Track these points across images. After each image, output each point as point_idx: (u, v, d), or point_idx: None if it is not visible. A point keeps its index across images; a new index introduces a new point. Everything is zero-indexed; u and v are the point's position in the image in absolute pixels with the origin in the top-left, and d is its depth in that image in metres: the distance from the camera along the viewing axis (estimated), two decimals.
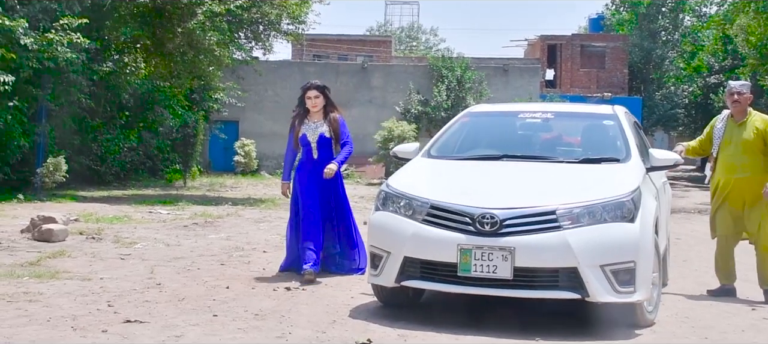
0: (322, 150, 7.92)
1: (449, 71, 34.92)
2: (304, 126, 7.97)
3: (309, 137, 7.93)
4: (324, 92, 8.03)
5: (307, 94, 7.97)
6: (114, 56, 19.74)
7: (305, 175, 7.94)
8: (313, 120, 7.99)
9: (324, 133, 7.92)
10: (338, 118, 8.03)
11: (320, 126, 7.94)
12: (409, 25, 74.79)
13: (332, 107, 8.07)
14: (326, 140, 7.93)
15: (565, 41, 44.50)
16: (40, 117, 18.00)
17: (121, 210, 14.53)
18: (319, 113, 8.00)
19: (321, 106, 8.00)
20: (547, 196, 5.74)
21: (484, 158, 6.78)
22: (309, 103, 7.96)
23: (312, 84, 8.06)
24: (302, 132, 7.96)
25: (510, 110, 7.92)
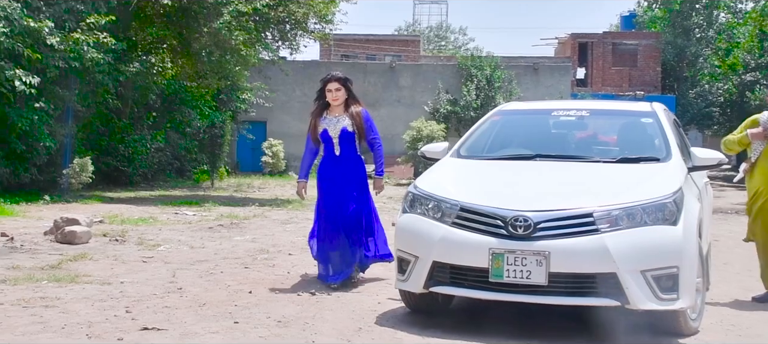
0: (345, 146, 7.40)
1: (478, 70, 34.62)
2: (325, 121, 7.45)
3: (330, 132, 7.41)
4: (346, 85, 7.49)
5: (328, 86, 7.43)
6: (141, 57, 19.66)
7: (328, 173, 7.44)
8: (334, 114, 7.45)
9: (346, 127, 7.37)
10: (362, 111, 7.49)
11: (342, 120, 7.40)
12: (437, 24, 74.53)
13: (354, 101, 7.53)
14: (349, 135, 7.39)
15: (596, 39, 43.94)
16: (67, 118, 17.95)
17: (147, 211, 14.41)
18: (341, 106, 7.46)
19: (342, 99, 7.46)
20: (584, 197, 5.45)
21: (516, 157, 6.48)
22: (329, 96, 7.42)
23: (333, 76, 7.54)
24: (323, 128, 7.44)
25: (543, 108, 7.61)
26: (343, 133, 7.37)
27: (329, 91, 7.42)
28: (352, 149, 7.43)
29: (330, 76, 7.53)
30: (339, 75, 7.54)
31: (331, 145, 7.44)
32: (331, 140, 7.42)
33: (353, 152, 7.43)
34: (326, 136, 7.44)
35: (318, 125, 7.49)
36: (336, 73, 7.64)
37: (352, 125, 7.37)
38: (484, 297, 5.45)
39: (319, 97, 7.56)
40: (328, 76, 7.54)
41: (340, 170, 7.39)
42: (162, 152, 23.90)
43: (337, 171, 7.40)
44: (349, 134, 7.38)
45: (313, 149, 7.63)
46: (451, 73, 35.61)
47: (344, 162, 7.39)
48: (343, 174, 7.38)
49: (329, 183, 7.41)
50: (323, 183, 7.48)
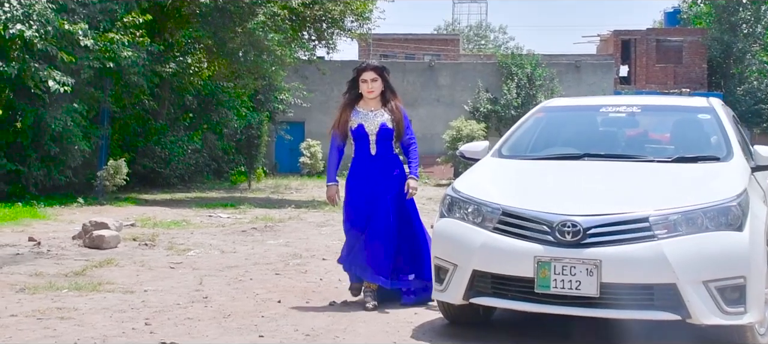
0: (382, 145, 6.50)
1: (519, 68, 34.12)
2: (359, 115, 6.54)
3: (367, 127, 6.49)
4: (383, 75, 6.59)
5: (363, 76, 6.54)
6: (177, 57, 19.47)
7: (361, 175, 6.52)
8: (369, 108, 6.56)
9: (386, 123, 6.48)
10: (401, 107, 6.64)
11: (380, 115, 6.51)
12: (477, 23, 73.84)
13: (392, 94, 6.64)
14: (388, 132, 6.49)
15: (639, 36, 43.00)
16: (102, 120, 17.81)
17: (181, 214, 14.15)
18: (377, 100, 6.58)
19: (378, 91, 6.56)
20: (638, 201, 4.97)
21: (562, 157, 6.02)
22: (364, 87, 6.53)
23: (368, 64, 6.65)
24: (357, 122, 6.52)
25: (590, 104, 7.10)
26: (383, 129, 6.48)
27: (364, 81, 6.55)
28: (390, 148, 6.56)
29: (365, 65, 6.66)
30: (375, 63, 6.69)
31: (365, 142, 6.53)
32: (367, 137, 6.51)
33: (391, 152, 6.57)
34: (362, 132, 6.53)
35: (349, 119, 6.59)
36: (372, 61, 6.80)
37: (392, 122, 6.50)
38: (529, 309, 4.98)
39: (350, 88, 6.71)
40: (364, 65, 6.68)
41: (376, 171, 6.49)
42: (199, 153, 23.71)
43: (372, 173, 6.49)
44: (389, 131, 6.50)
45: (340, 148, 6.69)
46: (491, 72, 35.10)
47: (381, 162, 6.50)
48: (379, 177, 6.49)
49: (362, 186, 6.51)
50: (355, 188, 6.56)
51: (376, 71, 6.57)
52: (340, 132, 6.62)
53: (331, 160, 6.71)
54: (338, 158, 6.68)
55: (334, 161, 6.69)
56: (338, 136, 6.64)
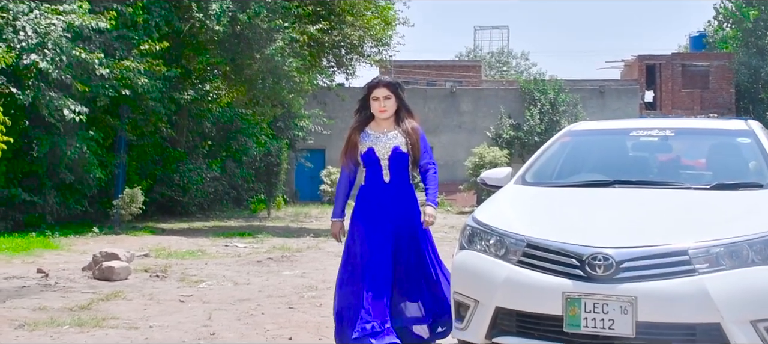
0: (396, 171, 5.72)
1: (542, 94, 33.79)
2: (369, 138, 5.76)
3: (378, 151, 5.70)
4: (396, 92, 5.79)
5: (374, 93, 5.76)
6: (195, 84, 19.28)
7: (372, 205, 5.71)
8: (381, 129, 5.77)
9: (399, 146, 5.69)
10: (418, 128, 5.82)
11: (393, 138, 5.72)
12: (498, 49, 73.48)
13: (408, 113, 5.84)
14: (402, 157, 5.71)
15: (664, 61, 42.48)
16: (119, 148, 17.61)
17: (197, 244, 13.85)
18: (390, 120, 5.79)
19: (392, 111, 5.78)
20: (675, 232, 4.57)
21: (590, 184, 5.62)
22: (376, 106, 5.75)
23: (380, 80, 5.84)
24: (367, 146, 5.73)
25: (619, 127, 6.70)
26: (396, 154, 5.70)
27: (376, 99, 5.76)
28: (405, 176, 5.76)
29: (377, 81, 5.86)
30: (388, 79, 5.88)
31: (377, 168, 5.75)
32: (379, 162, 5.73)
33: (406, 180, 5.78)
34: (372, 157, 5.75)
35: (359, 142, 5.80)
36: (384, 77, 5.94)
37: (406, 145, 5.72)
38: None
39: (361, 107, 5.91)
40: (375, 81, 5.87)
41: (389, 202, 5.69)
42: (218, 181, 23.50)
43: (385, 203, 5.69)
44: (403, 156, 5.71)
45: (349, 177, 5.92)
46: (513, 98, 34.75)
47: (395, 192, 5.72)
48: (393, 208, 5.68)
49: (374, 221, 5.67)
50: (366, 220, 5.71)
51: (389, 88, 5.78)
52: (350, 158, 5.84)
53: (340, 190, 5.93)
54: (348, 188, 5.93)
55: (343, 191, 5.91)
56: (348, 162, 5.86)
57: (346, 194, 5.92)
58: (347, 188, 5.92)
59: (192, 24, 16.47)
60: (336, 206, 5.92)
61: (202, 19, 16.26)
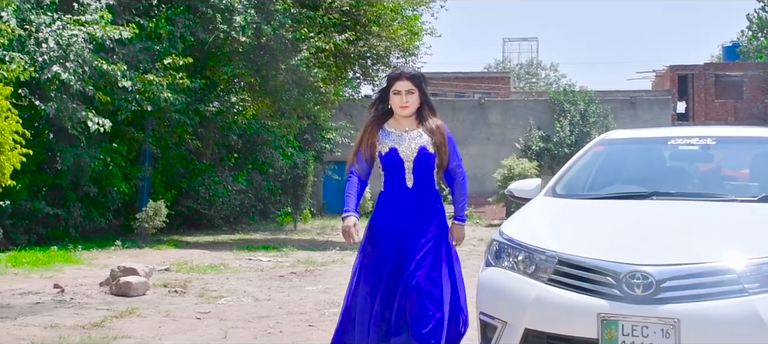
0: (422, 175, 5.02)
1: (572, 105, 33.33)
2: (390, 137, 5.08)
3: (402, 152, 5.02)
4: (420, 86, 5.10)
5: (396, 86, 5.06)
6: (220, 96, 19.11)
7: (392, 213, 4.99)
8: (403, 128, 5.10)
9: (426, 146, 5.03)
10: (444, 126, 5.15)
11: (418, 137, 5.05)
12: (528, 61, 72.97)
13: (431, 111, 5.16)
14: (428, 158, 5.03)
15: (697, 71, 41.80)
16: (143, 160, 17.46)
17: (220, 257, 13.61)
18: (412, 118, 5.12)
19: (415, 107, 5.09)
20: (720, 248, 4.21)
21: (626, 196, 5.27)
22: (397, 101, 5.06)
23: (403, 72, 5.14)
24: (388, 146, 5.05)
25: (656, 136, 6.31)
26: (422, 155, 5.02)
27: (397, 92, 5.07)
28: (431, 180, 5.07)
29: (399, 72, 5.17)
30: (411, 72, 5.16)
31: (399, 172, 5.05)
32: (402, 164, 5.03)
33: (432, 185, 5.09)
34: (394, 158, 5.04)
35: (376, 141, 5.12)
36: (407, 69, 5.20)
37: (432, 144, 5.06)
38: None
39: (379, 101, 5.25)
40: (397, 72, 5.19)
41: (412, 209, 4.97)
42: (244, 193, 23.28)
43: (407, 210, 4.97)
44: (430, 157, 5.04)
45: (361, 179, 5.17)
46: (542, 109, 34.31)
47: (419, 198, 5.00)
48: (416, 216, 4.96)
49: (391, 227, 4.96)
50: (385, 229, 4.98)
51: (412, 81, 5.08)
52: (365, 159, 5.12)
53: (350, 190, 5.11)
54: (360, 189, 5.14)
55: (354, 191, 5.10)
56: (361, 162, 5.12)
57: (358, 194, 5.12)
58: (359, 189, 5.12)
59: (216, 35, 16.27)
60: (347, 201, 5.07)
61: (226, 30, 16.07)
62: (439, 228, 5.00)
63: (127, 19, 15.25)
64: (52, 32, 13.87)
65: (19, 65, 11.88)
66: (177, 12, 16.03)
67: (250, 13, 15.93)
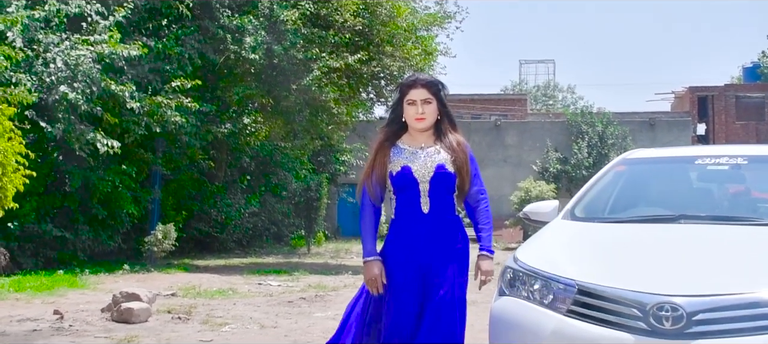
0: (439, 198, 4.36)
1: (589, 127, 32.97)
2: (402, 154, 4.42)
3: (416, 171, 4.36)
4: (438, 95, 4.46)
5: (410, 95, 4.42)
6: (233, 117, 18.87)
7: (407, 244, 4.32)
8: (418, 144, 4.45)
9: (444, 165, 4.37)
10: (465, 144, 4.51)
11: (435, 154, 4.40)
12: (544, 83, 72.60)
13: (452, 125, 4.53)
14: (448, 179, 4.38)
15: (717, 92, 41.35)
16: (153, 182, 17.20)
17: (229, 282, 13.28)
18: (429, 133, 4.48)
19: (432, 119, 4.45)
20: (758, 277, 3.83)
21: (651, 219, 4.90)
22: (412, 112, 4.41)
23: (418, 78, 4.50)
24: (401, 165, 4.39)
25: (682, 155, 5.93)
26: (440, 174, 4.37)
27: (412, 103, 4.42)
28: (450, 204, 4.41)
29: (414, 79, 4.51)
30: (427, 78, 4.52)
31: (413, 194, 4.37)
32: (417, 185, 4.36)
33: (451, 210, 4.42)
34: (407, 178, 4.38)
35: (387, 160, 4.45)
36: (422, 75, 4.59)
37: (452, 163, 4.40)
38: None
39: (393, 116, 4.57)
40: (412, 79, 4.52)
41: (429, 238, 4.32)
42: (257, 216, 23.00)
43: (424, 240, 4.32)
44: (449, 178, 4.38)
45: (375, 205, 4.49)
46: (559, 131, 33.93)
47: (438, 225, 4.34)
48: (435, 246, 4.31)
49: (407, 261, 4.31)
50: (398, 258, 4.34)
51: (428, 88, 4.42)
52: (377, 181, 4.44)
53: (366, 223, 4.47)
54: (375, 219, 4.48)
55: (370, 223, 4.47)
56: (374, 186, 4.46)
57: (375, 226, 4.50)
58: (375, 220, 4.49)
59: (227, 56, 16.04)
60: (366, 243, 4.43)
61: (237, 50, 15.82)
62: (462, 262, 4.35)
63: (136, 39, 15.02)
64: (61, 52, 13.63)
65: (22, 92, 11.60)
66: (187, 32, 15.81)
67: (260, 33, 15.68)
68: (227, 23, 15.85)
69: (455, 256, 4.34)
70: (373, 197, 4.47)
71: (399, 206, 4.43)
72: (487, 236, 4.42)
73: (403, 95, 4.48)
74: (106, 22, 14.48)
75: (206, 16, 16.25)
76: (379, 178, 4.45)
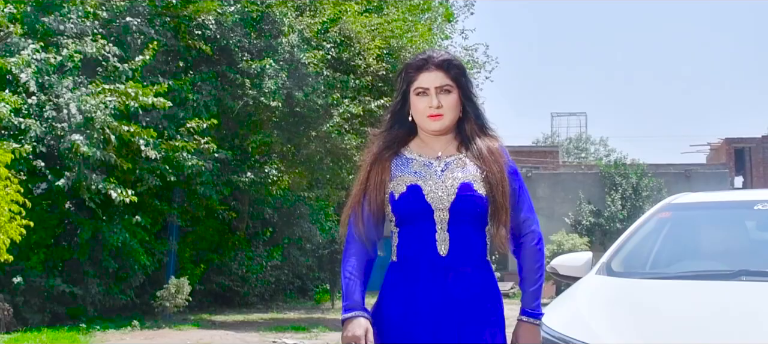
0: (462, 232, 3.02)
1: (623, 178, 32.21)
2: (409, 167, 3.09)
3: (430, 193, 3.03)
4: (460, 80, 3.10)
5: (419, 81, 3.08)
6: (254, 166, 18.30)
7: (416, 299, 3.01)
8: (433, 152, 3.12)
9: (471, 183, 3.04)
10: (503, 150, 3.17)
11: (457, 168, 3.08)
12: (576, 135, 71.81)
13: (481, 125, 3.17)
14: (476, 204, 3.03)
15: (754, 144, 40.37)
16: (169, 234, 16.62)
17: (243, 339, 12.59)
18: (450, 137, 3.15)
19: (452, 116, 3.10)
20: None
21: (704, 276, 4.14)
22: (422, 106, 3.07)
23: (432, 56, 3.10)
24: (406, 183, 3.05)
25: (738, 199, 5.18)
26: (464, 198, 3.02)
27: (422, 92, 3.08)
28: (479, 244, 3.05)
29: (426, 56, 3.12)
30: (445, 55, 3.12)
31: (425, 227, 3.03)
32: (429, 214, 3.02)
33: (480, 251, 3.05)
34: (417, 203, 3.03)
35: (387, 177, 3.09)
36: (436, 53, 3.13)
37: (483, 181, 3.04)
38: None
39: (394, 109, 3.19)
40: (422, 57, 3.13)
41: (449, 297, 3.00)
42: (280, 269, 22.31)
43: (442, 300, 3.00)
44: (478, 203, 3.03)
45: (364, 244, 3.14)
46: (592, 183, 33.12)
47: (461, 276, 3.01)
48: (457, 311, 3.00)
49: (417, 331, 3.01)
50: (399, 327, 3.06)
51: (446, 71, 3.07)
52: (373, 209, 3.08)
53: (350, 267, 3.14)
54: (365, 265, 3.15)
55: (357, 268, 3.13)
56: (366, 219, 3.10)
57: (365, 274, 3.14)
58: (365, 266, 3.14)
59: (245, 102, 15.52)
60: (348, 294, 3.11)
61: (255, 96, 15.31)
62: (495, 334, 3.03)
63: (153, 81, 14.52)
64: (75, 98, 13.03)
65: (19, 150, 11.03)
66: (205, 76, 15.35)
67: (281, 76, 15.19)
68: (246, 68, 15.36)
69: (485, 325, 2.99)
70: (363, 235, 3.08)
71: (403, 244, 3.05)
72: (532, 292, 3.12)
73: (410, 82, 3.09)
74: (124, 66, 13.95)
75: (225, 61, 15.79)
76: (374, 206, 3.05)
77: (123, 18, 14.34)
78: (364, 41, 16.20)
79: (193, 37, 15.11)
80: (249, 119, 16.51)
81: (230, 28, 15.20)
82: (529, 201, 3.20)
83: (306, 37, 15.75)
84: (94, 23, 13.97)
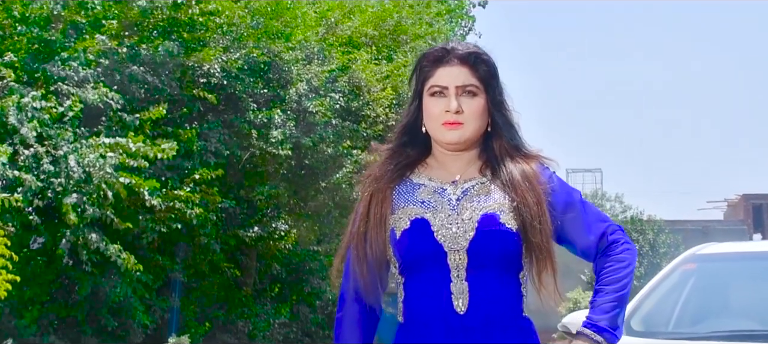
0: (485, 279, 2.34)
1: (640, 234, 31.95)
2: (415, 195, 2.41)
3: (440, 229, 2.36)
4: (488, 82, 2.37)
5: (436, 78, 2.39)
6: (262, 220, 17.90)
7: None
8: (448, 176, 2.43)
9: (497, 215, 2.35)
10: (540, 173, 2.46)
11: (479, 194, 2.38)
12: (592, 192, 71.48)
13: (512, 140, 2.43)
14: (504, 242, 2.36)
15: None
16: (172, 290, 16.18)
17: None
18: (471, 155, 2.44)
19: (477, 124, 2.38)
20: None
21: (736, 336, 3.66)
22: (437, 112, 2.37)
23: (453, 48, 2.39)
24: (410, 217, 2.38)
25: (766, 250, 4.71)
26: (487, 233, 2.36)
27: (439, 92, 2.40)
28: (511, 296, 2.42)
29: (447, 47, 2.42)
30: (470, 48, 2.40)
31: (437, 275, 2.39)
32: (442, 257, 2.37)
33: (513, 304, 2.42)
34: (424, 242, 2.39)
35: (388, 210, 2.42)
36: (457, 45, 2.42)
37: (514, 212, 2.37)
38: None
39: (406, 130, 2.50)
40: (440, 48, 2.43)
41: None
42: (288, 327, 21.80)
43: None
44: (507, 240, 2.39)
45: (363, 304, 2.68)
46: None
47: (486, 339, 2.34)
48: None
49: None
50: None
51: (470, 66, 2.38)
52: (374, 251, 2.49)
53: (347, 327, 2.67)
54: (369, 322, 2.70)
55: (354, 328, 2.67)
56: (369, 266, 2.55)
57: (361, 323, 2.67)
58: (360, 328, 2.66)
59: (252, 153, 15.22)
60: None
61: (263, 147, 15.01)
62: None
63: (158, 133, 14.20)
64: (74, 150, 12.62)
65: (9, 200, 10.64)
66: (211, 126, 15.07)
67: (289, 125, 14.90)
68: (253, 119, 15.08)
69: None
70: (365, 287, 2.52)
71: (410, 299, 2.49)
72: (606, 303, 2.46)
73: (424, 80, 2.40)
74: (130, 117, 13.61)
75: (231, 111, 15.51)
76: (375, 248, 2.44)
77: (127, 66, 14.09)
78: (374, 90, 15.97)
79: (198, 86, 14.87)
80: (255, 171, 16.20)
81: (236, 75, 14.97)
82: (599, 214, 2.57)
83: (314, 86, 15.49)
84: (97, 71, 13.70)
